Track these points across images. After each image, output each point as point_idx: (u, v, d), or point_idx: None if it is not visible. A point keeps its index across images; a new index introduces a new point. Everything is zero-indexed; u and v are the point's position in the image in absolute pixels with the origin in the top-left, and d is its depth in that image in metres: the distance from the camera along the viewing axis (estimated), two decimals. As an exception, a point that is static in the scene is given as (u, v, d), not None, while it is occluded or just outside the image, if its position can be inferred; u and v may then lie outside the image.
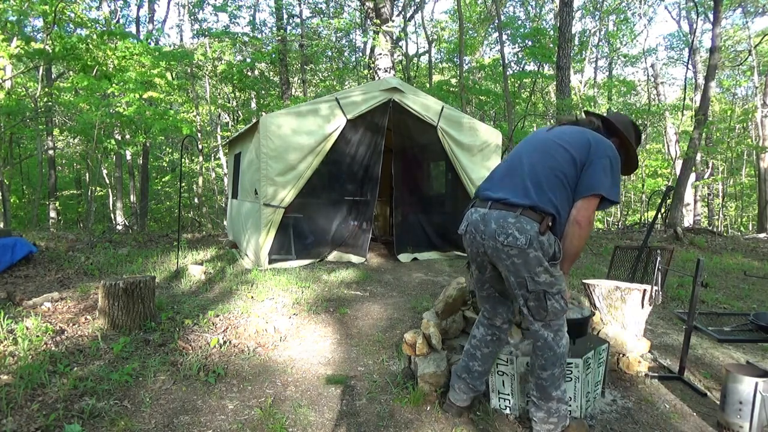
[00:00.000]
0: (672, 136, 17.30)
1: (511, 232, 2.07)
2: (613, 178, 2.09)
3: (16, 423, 2.23)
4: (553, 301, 2.13)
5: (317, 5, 17.59)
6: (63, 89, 10.78)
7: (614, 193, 2.08)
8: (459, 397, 2.44)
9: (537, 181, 2.10)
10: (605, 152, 2.12)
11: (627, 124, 2.36)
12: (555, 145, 2.18)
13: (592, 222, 2.11)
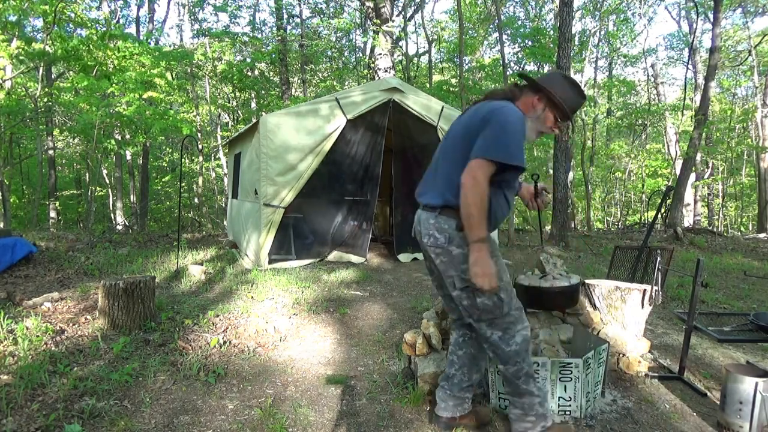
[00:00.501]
0: (672, 136, 17.30)
1: (432, 232, 2.06)
2: (499, 139, 1.94)
3: (16, 423, 2.23)
4: (483, 298, 2.04)
5: (317, 5, 17.60)
6: (63, 89, 10.78)
7: (495, 153, 1.92)
8: (442, 406, 2.32)
9: (447, 177, 2.06)
10: (495, 117, 1.99)
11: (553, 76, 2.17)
12: (458, 132, 2.12)
13: (479, 183, 1.90)
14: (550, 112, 2.10)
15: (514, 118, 1.99)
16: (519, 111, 2.04)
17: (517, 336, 2.10)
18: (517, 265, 6.63)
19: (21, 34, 9.03)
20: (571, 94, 2.10)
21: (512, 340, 2.10)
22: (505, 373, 2.14)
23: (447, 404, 2.31)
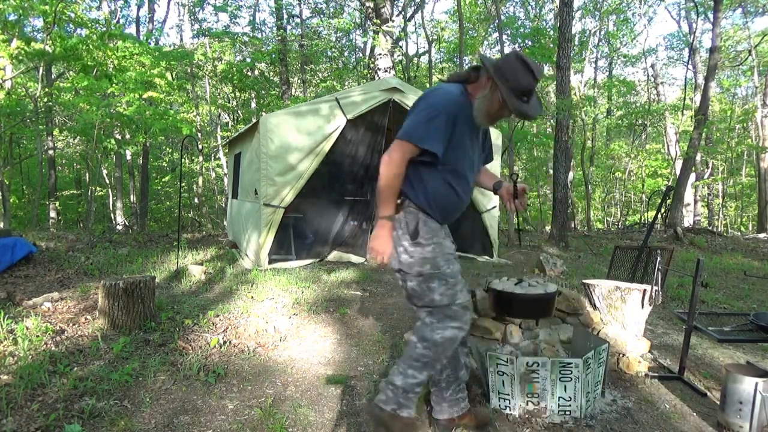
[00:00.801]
0: (672, 136, 17.30)
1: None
2: (417, 122, 1.94)
3: (16, 423, 2.23)
4: (412, 283, 2.03)
5: (317, 5, 17.60)
6: (63, 89, 10.77)
7: (412, 135, 1.93)
8: (437, 409, 2.30)
9: None
10: (420, 100, 2.03)
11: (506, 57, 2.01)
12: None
13: (391, 163, 1.93)
14: (495, 94, 1.97)
15: (436, 100, 1.97)
16: (451, 93, 1.99)
17: (447, 330, 2.03)
18: (516, 265, 6.64)
19: (21, 34, 9.02)
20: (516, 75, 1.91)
21: (440, 332, 2.03)
22: (412, 347, 2.06)
23: (442, 407, 2.28)
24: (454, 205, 2.11)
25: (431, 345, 2.03)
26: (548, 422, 2.42)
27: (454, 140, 2.01)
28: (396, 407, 2.06)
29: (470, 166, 2.12)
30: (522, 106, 1.93)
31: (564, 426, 2.40)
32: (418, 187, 2.02)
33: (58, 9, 8.69)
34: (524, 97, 1.91)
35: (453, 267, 2.08)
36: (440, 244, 2.07)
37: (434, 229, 2.07)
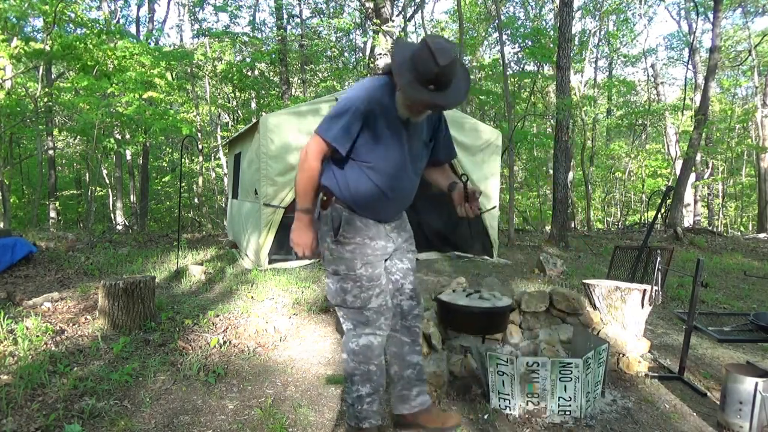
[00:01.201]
0: (672, 136, 17.30)
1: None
2: (330, 116, 1.91)
3: (16, 423, 2.23)
4: (330, 281, 2.03)
5: (317, 5, 17.60)
6: (63, 89, 10.77)
7: (322, 129, 1.91)
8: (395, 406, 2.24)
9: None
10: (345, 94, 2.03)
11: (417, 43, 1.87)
12: None
13: (306, 157, 1.92)
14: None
15: (352, 94, 1.92)
16: (370, 87, 1.91)
17: (362, 338, 2.00)
18: (516, 265, 6.64)
19: (21, 34, 9.02)
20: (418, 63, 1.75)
21: (355, 339, 2.01)
22: (345, 363, 2.07)
23: (394, 404, 2.23)
24: (381, 203, 2.00)
25: (352, 356, 2.02)
26: (548, 422, 2.42)
27: (369, 136, 1.92)
28: (356, 421, 2.06)
29: (400, 163, 1.99)
30: (423, 95, 1.76)
31: (564, 426, 2.40)
32: (342, 183, 1.97)
33: (58, 9, 8.69)
34: (430, 85, 1.75)
35: (372, 270, 1.99)
36: (363, 244, 1.99)
37: (359, 227, 1.99)
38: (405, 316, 2.17)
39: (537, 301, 3.09)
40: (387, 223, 2.09)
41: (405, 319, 2.17)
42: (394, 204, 2.07)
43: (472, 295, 2.44)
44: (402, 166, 2.00)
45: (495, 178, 7.01)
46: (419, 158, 2.08)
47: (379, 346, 2.04)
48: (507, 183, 13.17)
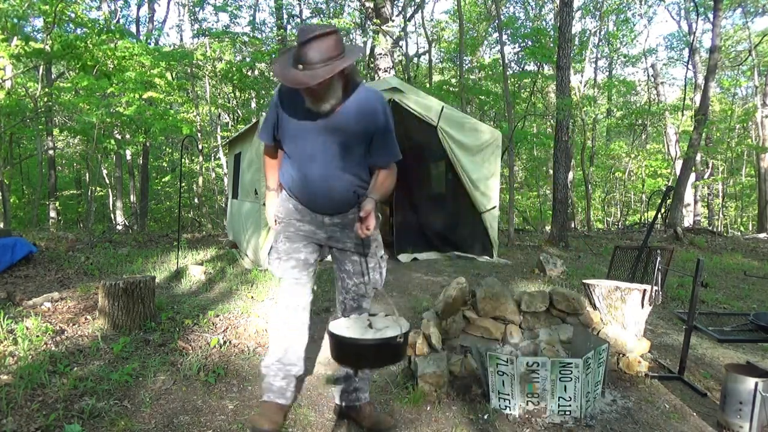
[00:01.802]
0: (672, 136, 17.29)
1: None
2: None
3: (16, 423, 2.23)
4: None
5: (317, 5, 17.60)
6: (63, 89, 10.76)
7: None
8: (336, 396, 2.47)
9: None
10: None
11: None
12: None
13: (262, 151, 2.35)
14: None
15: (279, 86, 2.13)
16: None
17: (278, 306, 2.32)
18: (516, 265, 6.64)
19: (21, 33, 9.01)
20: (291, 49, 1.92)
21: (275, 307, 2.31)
22: None
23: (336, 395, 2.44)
24: (302, 191, 2.15)
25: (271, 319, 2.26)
26: (548, 422, 2.42)
27: (284, 127, 2.11)
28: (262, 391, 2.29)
29: (311, 154, 2.07)
30: (289, 73, 1.87)
31: (564, 426, 2.40)
32: (281, 172, 2.25)
33: (58, 9, 8.68)
34: (299, 65, 1.84)
35: (289, 244, 2.21)
36: (288, 223, 2.22)
37: (290, 209, 2.21)
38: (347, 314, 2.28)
39: (537, 301, 3.09)
40: (324, 214, 2.18)
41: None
42: (317, 194, 2.13)
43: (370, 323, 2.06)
44: (313, 157, 2.08)
45: (495, 178, 7.00)
46: (342, 154, 2.07)
47: (284, 319, 2.26)
48: (507, 183, 13.17)
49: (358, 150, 2.10)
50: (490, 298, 2.99)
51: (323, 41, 1.82)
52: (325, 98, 1.94)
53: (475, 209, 6.85)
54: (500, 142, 7.10)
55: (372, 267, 2.26)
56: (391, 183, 2.19)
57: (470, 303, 3.09)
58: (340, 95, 1.98)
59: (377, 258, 2.27)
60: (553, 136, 9.48)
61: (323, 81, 1.82)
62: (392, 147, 2.17)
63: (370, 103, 2.06)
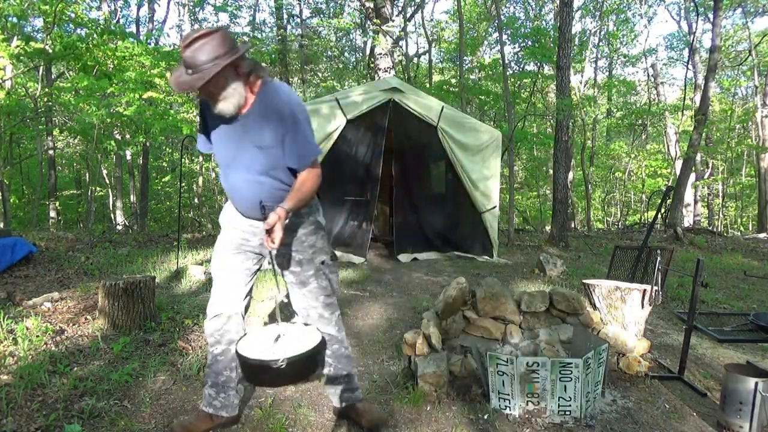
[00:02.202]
0: (672, 136, 17.29)
1: None
2: None
3: (16, 423, 2.23)
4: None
5: (317, 5, 17.59)
6: (63, 89, 10.76)
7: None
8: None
9: None
10: None
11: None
12: None
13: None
14: None
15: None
16: None
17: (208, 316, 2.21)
18: (516, 265, 6.64)
19: (21, 33, 9.01)
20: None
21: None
22: None
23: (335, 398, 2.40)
24: (233, 198, 2.13)
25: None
26: (548, 422, 2.42)
27: (209, 132, 2.09)
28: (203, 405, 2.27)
29: (229, 158, 2.05)
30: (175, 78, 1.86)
31: (564, 426, 2.40)
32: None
33: (58, 9, 8.68)
34: (188, 69, 1.82)
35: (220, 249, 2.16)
36: (223, 227, 2.19)
37: (229, 215, 2.18)
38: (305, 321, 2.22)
39: (537, 301, 3.09)
40: (254, 220, 2.07)
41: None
42: (241, 200, 2.10)
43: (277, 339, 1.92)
44: (231, 162, 2.05)
45: (495, 178, 7.00)
46: (256, 158, 2.00)
47: (212, 329, 2.15)
48: (507, 183, 13.16)
49: (275, 152, 1.98)
50: (490, 298, 2.99)
51: (206, 41, 1.78)
52: (223, 99, 1.88)
53: (475, 209, 6.85)
54: (500, 142, 7.10)
55: (311, 275, 2.16)
56: (310, 188, 2.02)
57: (470, 303, 3.09)
58: (243, 94, 1.91)
59: (315, 265, 2.16)
60: (553, 136, 9.48)
61: (211, 81, 1.78)
62: (303, 146, 2.00)
63: (277, 100, 1.96)
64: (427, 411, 2.52)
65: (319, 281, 2.18)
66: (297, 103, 2.00)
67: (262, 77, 1.98)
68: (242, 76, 1.90)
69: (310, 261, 2.15)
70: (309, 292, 2.18)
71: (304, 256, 2.14)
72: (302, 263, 2.15)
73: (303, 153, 2.01)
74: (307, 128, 2.02)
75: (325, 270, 2.19)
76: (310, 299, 2.19)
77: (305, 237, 2.13)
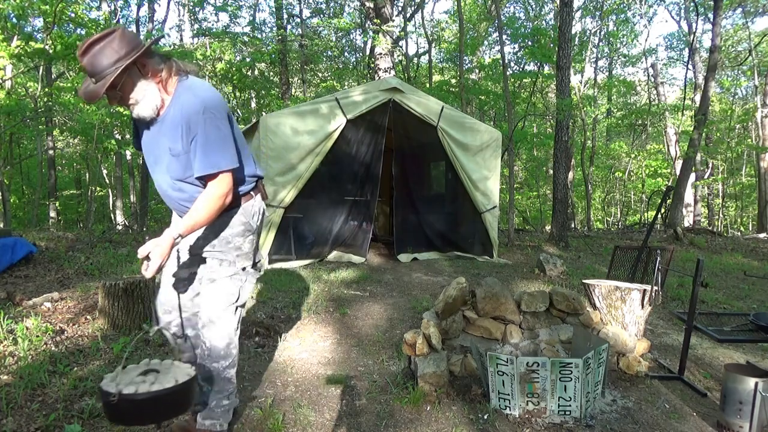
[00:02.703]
0: (672, 136, 17.29)
1: None
2: None
3: (16, 423, 2.23)
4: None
5: (317, 5, 17.59)
6: (63, 89, 10.76)
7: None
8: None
9: None
10: None
11: None
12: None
13: None
14: None
15: None
16: None
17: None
18: (516, 265, 6.64)
19: (21, 33, 9.02)
20: None
21: None
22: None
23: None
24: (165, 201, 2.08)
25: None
26: (548, 422, 2.42)
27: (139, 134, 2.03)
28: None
29: (148, 161, 2.01)
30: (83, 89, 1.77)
31: (564, 426, 2.40)
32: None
33: (58, 9, 8.69)
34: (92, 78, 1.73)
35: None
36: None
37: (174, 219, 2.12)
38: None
39: (537, 301, 3.09)
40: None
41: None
42: (169, 204, 2.08)
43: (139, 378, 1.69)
44: (154, 168, 2.00)
45: (495, 178, 7.01)
46: (171, 165, 1.90)
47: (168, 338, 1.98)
48: (507, 183, 13.16)
49: (187, 158, 1.86)
50: (490, 298, 2.99)
51: (103, 45, 1.69)
52: (135, 103, 1.79)
53: (475, 209, 6.85)
54: (500, 142, 7.10)
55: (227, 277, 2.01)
56: (210, 209, 1.81)
57: (470, 303, 3.09)
58: (156, 94, 1.80)
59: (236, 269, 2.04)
60: (553, 136, 9.48)
61: (115, 85, 1.69)
62: (208, 155, 1.79)
63: (187, 100, 1.82)
64: (427, 411, 2.52)
65: (229, 286, 2.01)
66: (209, 104, 1.80)
67: (178, 74, 1.84)
68: (152, 74, 1.78)
69: (232, 263, 2.03)
70: (213, 294, 2.00)
71: (227, 257, 2.02)
72: (222, 263, 2.02)
73: (206, 163, 1.80)
74: (216, 133, 1.80)
75: (243, 277, 2.06)
76: (210, 302, 2.00)
77: (232, 238, 2.02)
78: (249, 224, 2.06)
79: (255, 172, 2.09)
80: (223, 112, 1.85)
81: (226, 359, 2.07)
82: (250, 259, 2.10)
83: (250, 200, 2.07)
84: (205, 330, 2.02)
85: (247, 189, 2.06)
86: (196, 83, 1.88)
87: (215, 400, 2.11)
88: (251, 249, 2.09)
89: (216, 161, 1.80)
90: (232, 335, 2.06)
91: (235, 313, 2.05)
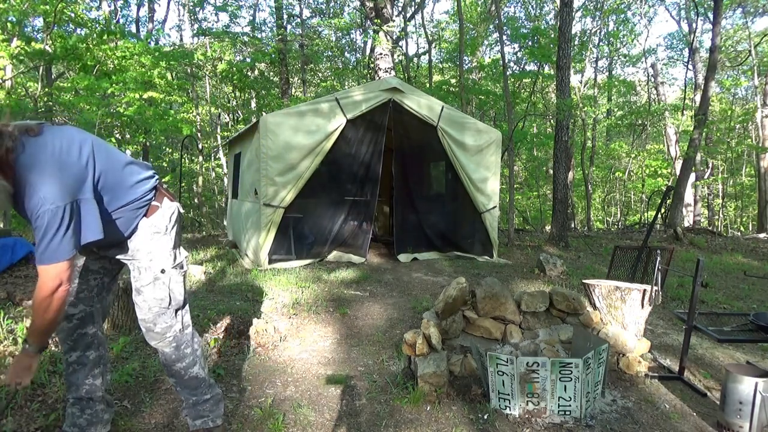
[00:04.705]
0: (672, 136, 17.29)
1: None
2: None
3: (16, 423, 2.23)
4: None
5: (317, 5, 17.59)
6: (63, 89, 10.76)
7: None
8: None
9: None
10: None
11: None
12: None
13: None
14: None
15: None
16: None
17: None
18: (516, 266, 6.64)
19: (21, 34, 9.02)
20: None
21: None
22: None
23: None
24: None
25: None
26: (548, 422, 2.42)
27: None
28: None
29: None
30: None
31: (564, 426, 2.40)
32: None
33: (58, 9, 8.69)
34: None
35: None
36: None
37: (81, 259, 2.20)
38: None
39: (537, 301, 3.09)
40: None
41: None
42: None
43: None
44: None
45: (495, 178, 7.01)
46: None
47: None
48: (507, 183, 13.16)
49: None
50: (490, 298, 2.99)
51: None
52: None
53: (475, 209, 6.85)
54: (500, 142, 7.10)
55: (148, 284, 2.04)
56: (41, 306, 1.63)
57: (470, 303, 3.09)
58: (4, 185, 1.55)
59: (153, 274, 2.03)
60: (553, 136, 9.48)
61: None
62: (39, 244, 1.58)
63: (28, 195, 1.56)
64: (427, 411, 2.52)
65: (155, 291, 1.99)
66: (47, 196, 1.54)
67: (13, 152, 1.54)
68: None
69: (147, 269, 2.00)
70: (143, 302, 2.00)
71: (142, 264, 2.00)
72: (140, 270, 2.00)
73: (37, 250, 1.61)
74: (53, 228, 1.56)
75: (164, 279, 2.00)
76: (143, 310, 2.01)
77: (141, 244, 1.99)
78: (156, 226, 2.00)
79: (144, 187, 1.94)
80: (65, 196, 1.58)
81: (181, 361, 2.05)
82: (168, 259, 2.03)
83: (155, 212, 1.99)
84: (148, 338, 2.02)
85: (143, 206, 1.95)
86: (29, 162, 1.57)
87: (192, 398, 2.12)
88: (166, 249, 2.02)
89: (46, 253, 1.59)
90: (179, 336, 2.04)
91: (175, 316, 2.03)
